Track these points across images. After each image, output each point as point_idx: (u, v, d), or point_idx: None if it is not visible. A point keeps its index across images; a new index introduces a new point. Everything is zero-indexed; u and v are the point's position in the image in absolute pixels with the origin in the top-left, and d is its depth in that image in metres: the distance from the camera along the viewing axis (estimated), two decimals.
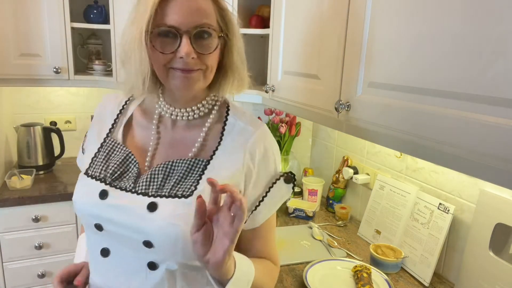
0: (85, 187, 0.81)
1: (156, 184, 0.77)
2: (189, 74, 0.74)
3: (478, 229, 1.16)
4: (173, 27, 0.72)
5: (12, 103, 2.22)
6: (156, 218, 0.73)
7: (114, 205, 0.76)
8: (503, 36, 0.66)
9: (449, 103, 0.78)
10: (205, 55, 0.75)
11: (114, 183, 0.79)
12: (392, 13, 0.92)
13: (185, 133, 0.84)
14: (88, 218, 0.79)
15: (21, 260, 1.87)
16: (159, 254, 0.76)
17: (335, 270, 1.30)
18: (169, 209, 0.74)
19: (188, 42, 0.72)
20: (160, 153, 0.83)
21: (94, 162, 0.83)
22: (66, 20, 1.89)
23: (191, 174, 0.78)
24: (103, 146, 0.85)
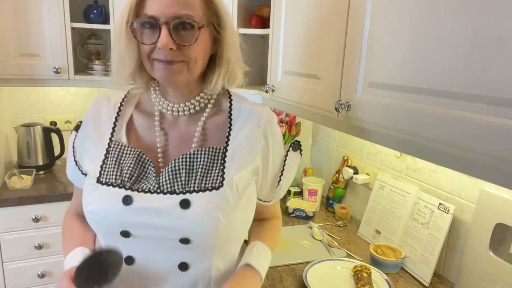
0: (103, 196, 0.77)
1: (181, 181, 0.77)
2: (170, 65, 0.74)
3: (478, 229, 1.16)
4: (152, 18, 0.72)
5: (12, 103, 2.22)
6: (192, 214, 0.74)
7: (142, 209, 0.75)
8: (503, 36, 0.66)
9: (449, 103, 0.78)
10: (186, 47, 0.74)
11: (134, 187, 0.77)
12: (392, 13, 0.92)
13: (189, 127, 0.84)
14: (112, 227, 0.76)
15: (21, 260, 1.87)
16: (195, 251, 0.77)
17: (335, 270, 1.30)
18: (203, 204, 0.75)
19: (167, 33, 0.72)
20: (171, 149, 0.83)
21: (104, 168, 0.80)
22: (66, 20, 1.89)
23: (213, 164, 0.79)
24: (110, 151, 0.82)
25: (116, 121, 0.85)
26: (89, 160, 0.83)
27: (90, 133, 0.85)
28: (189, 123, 0.84)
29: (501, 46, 0.67)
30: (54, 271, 1.93)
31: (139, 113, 0.86)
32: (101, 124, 0.85)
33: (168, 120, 0.85)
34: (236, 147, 0.81)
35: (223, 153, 0.80)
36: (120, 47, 0.77)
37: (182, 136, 0.84)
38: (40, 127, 2.11)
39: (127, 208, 0.75)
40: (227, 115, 0.85)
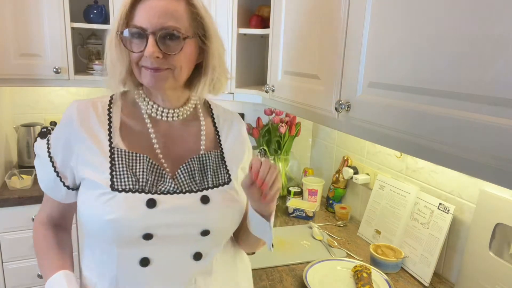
0: (123, 202, 0.77)
1: (197, 180, 0.85)
2: (156, 72, 0.79)
3: (478, 229, 1.16)
4: (140, 28, 0.77)
5: (12, 103, 2.22)
6: (212, 207, 0.83)
7: (167, 209, 0.79)
8: (503, 36, 0.66)
9: (449, 103, 0.78)
10: (171, 56, 0.79)
11: (153, 190, 0.80)
12: (392, 13, 0.92)
13: (183, 130, 0.90)
14: (135, 232, 0.77)
15: (21, 260, 1.87)
16: (211, 241, 0.84)
17: (335, 270, 1.30)
18: (220, 197, 0.84)
19: (153, 42, 0.77)
20: (171, 152, 0.87)
21: (116, 176, 0.79)
22: (66, 20, 1.89)
23: (219, 164, 0.89)
24: (115, 158, 0.81)
25: (110, 127, 0.84)
26: (89, 168, 0.81)
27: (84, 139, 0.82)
28: (183, 128, 0.90)
29: (501, 46, 0.67)
30: None
31: (128, 118, 0.87)
32: (94, 131, 0.83)
33: (161, 124, 0.88)
34: (229, 150, 0.93)
35: (221, 155, 0.91)
36: (111, 54, 0.82)
37: (180, 140, 0.89)
38: (40, 127, 2.11)
39: (152, 211, 0.78)
40: (212, 123, 0.95)
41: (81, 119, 0.83)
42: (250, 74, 1.95)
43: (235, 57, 1.77)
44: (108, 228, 0.77)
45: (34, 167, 2.09)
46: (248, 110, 2.26)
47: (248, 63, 1.92)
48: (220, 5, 1.73)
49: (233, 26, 1.73)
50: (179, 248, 0.82)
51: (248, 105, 2.23)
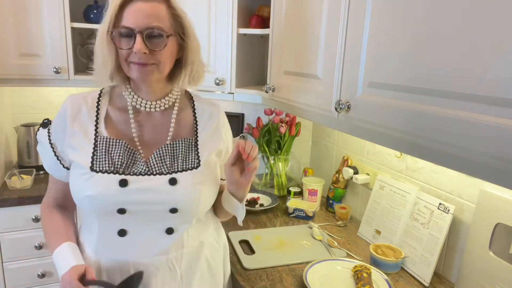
0: (99, 181, 0.91)
1: (167, 164, 0.96)
2: (143, 67, 0.91)
3: (478, 229, 1.16)
4: (129, 28, 0.88)
5: (12, 103, 2.22)
6: (179, 188, 0.94)
7: (137, 189, 0.92)
8: (503, 36, 0.66)
9: (449, 103, 0.78)
10: (156, 52, 0.91)
11: (127, 171, 0.93)
12: (392, 13, 0.92)
13: (161, 120, 1.01)
14: (110, 206, 0.92)
15: (21, 260, 1.87)
16: (180, 217, 0.96)
17: (335, 270, 1.30)
18: (188, 180, 0.96)
19: (141, 40, 0.88)
20: (148, 139, 0.99)
21: (95, 159, 0.94)
22: (66, 20, 1.89)
23: (190, 150, 1.00)
24: (97, 144, 0.95)
25: (97, 118, 0.98)
26: (75, 153, 0.95)
27: (74, 129, 0.97)
28: (162, 118, 1.02)
29: (501, 46, 0.67)
30: (54, 271, 1.93)
31: (113, 109, 1.01)
32: (83, 121, 0.98)
33: (142, 114, 1.01)
34: (204, 138, 1.03)
35: (195, 143, 1.02)
36: (102, 52, 0.92)
37: (157, 128, 1.01)
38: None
39: (124, 190, 0.91)
40: (192, 113, 1.06)
41: (73, 112, 0.98)
42: (250, 74, 1.95)
43: (235, 57, 1.77)
44: (87, 203, 0.92)
45: (34, 167, 2.11)
46: (248, 110, 2.26)
47: (248, 63, 1.92)
48: (220, 5, 1.73)
49: (233, 26, 1.74)
50: (153, 223, 0.94)
51: (248, 105, 2.23)
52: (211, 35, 1.77)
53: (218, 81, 1.78)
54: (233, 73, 1.79)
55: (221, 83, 1.79)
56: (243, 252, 1.40)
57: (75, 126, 0.97)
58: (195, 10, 1.75)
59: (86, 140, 0.96)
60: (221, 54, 1.78)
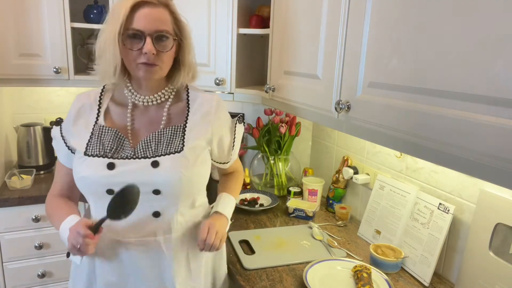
0: (90, 165, 1.00)
1: (152, 149, 1.03)
2: (151, 67, 0.99)
3: (478, 229, 1.16)
4: (139, 31, 0.96)
5: (12, 103, 2.22)
6: (162, 170, 1.00)
7: (123, 171, 0.99)
8: (503, 36, 0.66)
9: (449, 103, 0.78)
10: (163, 53, 1.00)
11: (115, 156, 1.01)
12: (392, 13, 0.92)
13: (156, 113, 1.09)
14: (99, 187, 1.00)
15: (21, 260, 1.87)
16: (165, 200, 1.02)
17: (335, 270, 1.30)
18: (169, 163, 1.01)
19: (150, 42, 0.97)
20: (141, 129, 1.07)
21: (89, 145, 1.03)
22: (66, 20, 1.89)
23: (176, 136, 1.05)
24: (93, 132, 1.05)
25: (99, 111, 1.08)
26: (75, 140, 1.06)
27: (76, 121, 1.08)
28: (156, 110, 1.09)
29: (501, 46, 0.67)
30: (54, 271, 1.94)
31: (114, 104, 1.10)
32: (85, 114, 1.08)
33: (139, 108, 1.09)
34: (193, 124, 1.08)
35: (183, 129, 1.07)
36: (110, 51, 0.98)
37: (151, 120, 1.08)
38: (40, 127, 2.11)
39: (111, 172, 0.99)
40: (186, 103, 1.12)
41: (78, 108, 1.09)
42: (250, 74, 1.94)
43: (235, 57, 1.77)
44: (81, 183, 1.03)
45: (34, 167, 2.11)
46: (248, 110, 2.26)
47: (248, 63, 1.91)
48: (220, 5, 1.73)
49: (233, 26, 1.73)
50: (140, 205, 0.98)
51: (248, 105, 2.23)
52: (211, 35, 1.77)
53: (218, 81, 1.78)
54: (233, 73, 1.79)
55: (221, 83, 1.79)
56: (243, 252, 1.40)
57: (79, 119, 1.08)
58: (195, 10, 1.75)
59: (85, 129, 1.06)
60: (221, 54, 1.78)
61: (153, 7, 0.98)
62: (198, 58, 1.15)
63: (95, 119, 1.07)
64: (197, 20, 1.76)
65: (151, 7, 0.97)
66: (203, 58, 1.79)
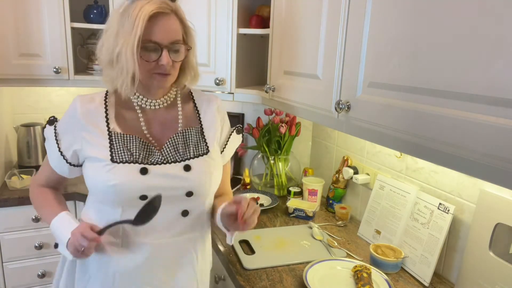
0: (121, 171, 0.98)
1: (180, 152, 1.04)
2: (165, 77, 1.00)
3: (478, 229, 1.16)
4: (156, 43, 0.96)
5: (12, 103, 2.22)
6: (194, 174, 1.03)
7: (157, 176, 1.00)
8: (503, 36, 0.66)
9: (449, 103, 0.78)
10: (176, 62, 1.01)
11: (145, 161, 1.01)
12: (392, 13, 0.92)
13: (166, 115, 1.09)
14: (133, 193, 0.99)
15: (21, 260, 1.87)
16: (195, 201, 1.05)
17: (335, 270, 1.30)
18: (200, 165, 1.05)
19: (167, 54, 0.97)
20: (157, 132, 1.07)
21: (114, 152, 1.00)
22: (66, 20, 1.89)
23: (198, 138, 1.08)
24: (113, 139, 1.02)
25: (107, 116, 1.05)
26: (93, 148, 1.02)
27: (88, 127, 1.03)
28: (167, 113, 1.09)
29: (501, 46, 0.67)
30: (54, 271, 1.93)
31: (121, 108, 1.07)
32: (93, 119, 1.03)
33: (148, 112, 1.08)
34: (207, 126, 1.11)
35: (201, 129, 1.10)
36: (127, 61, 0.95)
37: (165, 123, 1.08)
38: (40, 127, 2.11)
39: (145, 177, 0.99)
40: (193, 105, 1.14)
41: (83, 111, 1.03)
42: (250, 74, 1.94)
43: (235, 57, 1.77)
44: (112, 191, 0.98)
45: (34, 167, 2.11)
46: (248, 110, 2.26)
47: (248, 63, 1.91)
48: (220, 5, 1.73)
49: (233, 26, 1.73)
50: (170, 207, 1.01)
51: (248, 105, 2.23)
52: (211, 35, 1.77)
53: (218, 81, 1.78)
54: (233, 73, 1.79)
55: (221, 83, 1.79)
56: (243, 252, 1.40)
57: (88, 124, 1.03)
58: (195, 10, 1.75)
59: (101, 136, 1.02)
60: (221, 54, 1.78)
61: (166, 16, 0.96)
62: (198, 58, 1.15)
63: (105, 125, 1.04)
64: (197, 20, 1.75)
65: (165, 17, 0.96)
66: (203, 58, 1.79)
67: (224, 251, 1.42)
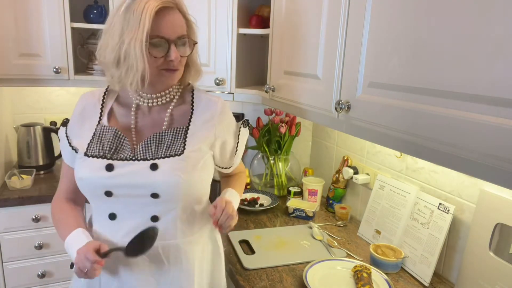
0: (90, 165, 0.99)
1: (151, 151, 1.00)
2: (173, 73, 0.99)
3: (478, 229, 1.16)
4: (164, 38, 0.94)
5: (12, 103, 2.22)
6: (160, 173, 0.97)
7: (122, 173, 0.97)
8: (503, 36, 0.66)
9: (449, 103, 0.78)
10: (183, 57, 1.00)
11: (114, 157, 0.99)
12: (392, 13, 0.92)
13: (160, 114, 1.06)
14: (97, 189, 0.99)
15: (21, 260, 1.87)
16: (163, 204, 0.99)
17: (335, 270, 1.30)
18: (169, 166, 0.98)
19: (175, 49, 0.96)
20: (145, 130, 1.05)
21: (90, 145, 1.02)
22: (66, 20, 1.89)
23: (177, 139, 1.02)
24: (95, 133, 1.04)
25: (102, 110, 1.07)
26: (78, 140, 1.05)
27: (80, 121, 1.07)
28: (160, 111, 1.06)
29: (501, 46, 0.67)
30: (54, 271, 1.94)
31: (118, 105, 1.08)
32: (88, 113, 1.07)
33: (143, 109, 1.06)
34: (196, 128, 1.05)
35: (185, 131, 1.04)
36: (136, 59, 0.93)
37: (154, 121, 1.06)
38: (40, 127, 2.11)
39: (110, 174, 0.97)
40: (190, 105, 1.09)
41: (82, 107, 1.08)
42: (250, 74, 1.94)
43: (235, 57, 1.77)
44: (80, 185, 1.01)
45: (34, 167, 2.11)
46: (248, 110, 2.26)
47: (248, 63, 1.91)
48: (220, 5, 1.73)
49: (233, 26, 1.73)
50: (139, 209, 0.99)
51: (248, 105, 2.23)
52: (211, 35, 1.77)
53: (218, 81, 1.78)
54: (233, 73, 1.79)
55: (221, 83, 1.79)
56: (243, 252, 1.40)
57: (83, 119, 1.07)
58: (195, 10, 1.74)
59: (89, 130, 1.05)
60: (221, 54, 1.78)
61: (171, 11, 0.95)
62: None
63: (98, 119, 1.05)
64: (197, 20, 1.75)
65: (170, 12, 0.95)
66: (203, 58, 1.78)
67: (224, 251, 1.42)
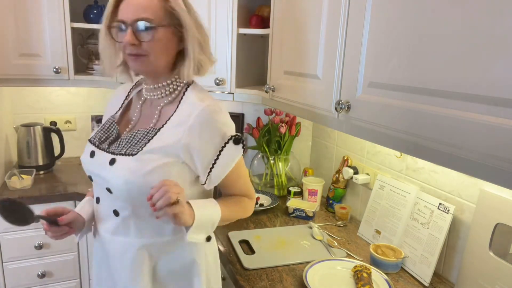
0: (85, 150, 1.07)
1: (120, 146, 1.00)
2: (137, 58, 0.95)
3: (478, 229, 1.16)
4: (121, 21, 0.93)
5: (12, 103, 2.22)
6: (114, 170, 0.97)
7: (95, 161, 1.02)
8: (503, 36, 0.66)
9: (449, 103, 0.78)
10: (146, 43, 0.93)
11: (99, 146, 1.04)
12: (392, 13, 0.92)
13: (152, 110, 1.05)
14: (86, 172, 1.07)
15: (21, 260, 1.87)
16: (118, 201, 1.00)
17: (335, 270, 1.30)
18: (122, 164, 0.97)
19: (130, 32, 0.91)
20: (139, 124, 1.06)
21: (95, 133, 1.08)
22: (66, 20, 1.89)
23: (144, 139, 0.99)
24: (105, 122, 1.10)
25: (123, 102, 1.12)
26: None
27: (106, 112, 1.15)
28: (151, 108, 1.06)
29: (501, 46, 0.67)
30: (54, 271, 1.94)
31: (137, 97, 1.11)
32: (112, 107, 1.14)
33: (147, 103, 1.08)
34: (166, 130, 0.98)
35: (155, 133, 0.98)
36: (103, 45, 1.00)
37: (147, 116, 1.06)
38: (40, 127, 2.11)
39: (91, 160, 1.03)
40: (177, 105, 1.02)
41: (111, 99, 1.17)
42: (250, 74, 1.94)
43: (235, 57, 1.77)
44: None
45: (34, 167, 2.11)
46: (248, 110, 2.26)
47: (248, 63, 1.91)
48: (220, 5, 1.73)
49: (233, 26, 1.73)
50: (106, 200, 1.03)
51: (248, 105, 2.23)
52: (211, 35, 1.77)
53: (218, 81, 1.78)
54: (233, 73, 1.79)
55: (221, 83, 1.79)
56: (243, 252, 1.40)
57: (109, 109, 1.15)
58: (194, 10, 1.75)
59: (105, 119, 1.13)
60: (221, 54, 1.78)
61: None
62: None
63: (117, 109, 1.12)
64: None
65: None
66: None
67: (224, 251, 1.42)
